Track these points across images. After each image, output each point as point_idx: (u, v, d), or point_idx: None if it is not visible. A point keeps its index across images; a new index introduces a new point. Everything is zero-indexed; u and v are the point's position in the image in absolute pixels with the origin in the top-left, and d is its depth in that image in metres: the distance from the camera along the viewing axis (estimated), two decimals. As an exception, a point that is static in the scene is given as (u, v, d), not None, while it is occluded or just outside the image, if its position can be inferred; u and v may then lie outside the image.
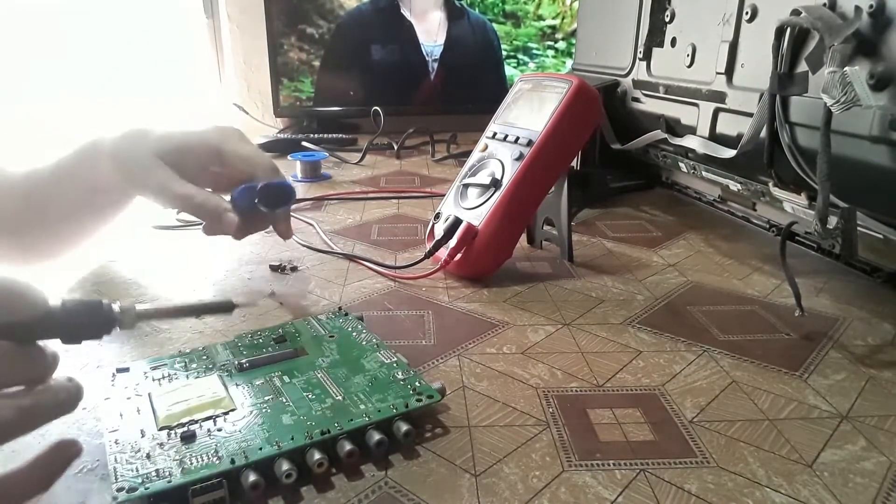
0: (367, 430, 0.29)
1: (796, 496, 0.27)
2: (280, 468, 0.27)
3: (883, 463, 0.30)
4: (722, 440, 0.31)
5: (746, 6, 0.52)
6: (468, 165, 0.57)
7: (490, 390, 0.35)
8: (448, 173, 0.92)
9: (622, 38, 0.73)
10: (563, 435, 0.31)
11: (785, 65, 0.45)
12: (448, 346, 0.40)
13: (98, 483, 0.28)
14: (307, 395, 0.32)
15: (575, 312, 0.46)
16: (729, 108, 0.55)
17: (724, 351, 0.40)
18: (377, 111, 1.12)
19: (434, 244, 0.51)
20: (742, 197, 0.61)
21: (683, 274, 0.53)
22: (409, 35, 1.28)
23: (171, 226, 0.65)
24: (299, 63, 1.27)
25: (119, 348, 0.40)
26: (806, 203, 0.48)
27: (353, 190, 0.82)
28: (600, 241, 0.62)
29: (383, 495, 0.27)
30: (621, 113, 0.74)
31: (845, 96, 0.36)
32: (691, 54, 0.61)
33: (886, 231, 0.43)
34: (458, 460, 0.30)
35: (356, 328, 0.39)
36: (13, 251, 0.51)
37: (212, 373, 0.34)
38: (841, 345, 0.41)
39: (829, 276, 0.52)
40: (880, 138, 0.38)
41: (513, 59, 1.36)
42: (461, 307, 0.46)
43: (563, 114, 0.51)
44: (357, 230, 0.64)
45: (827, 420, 0.33)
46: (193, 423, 0.30)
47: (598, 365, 0.38)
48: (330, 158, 1.02)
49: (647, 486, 0.28)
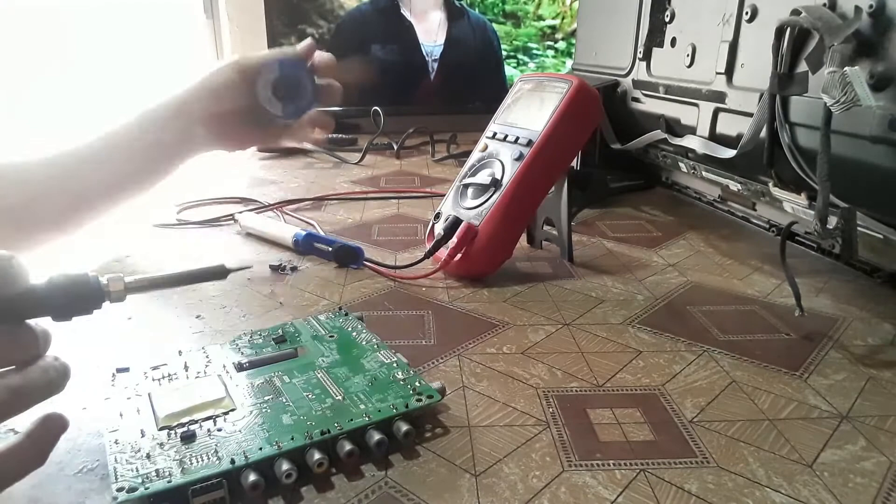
0: (367, 430, 0.29)
1: (796, 496, 0.27)
2: (280, 468, 0.27)
3: (883, 463, 0.30)
4: (722, 440, 0.31)
5: (746, 6, 0.52)
6: (468, 165, 0.57)
7: (490, 390, 0.35)
8: (448, 173, 0.92)
9: (622, 39, 0.73)
10: (563, 435, 0.31)
11: (785, 65, 0.45)
12: (448, 346, 0.40)
13: (98, 483, 0.28)
14: (307, 395, 0.32)
15: (575, 312, 0.46)
16: (729, 108, 0.55)
17: (724, 351, 0.40)
18: (377, 111, 1.12)
19: (434, 244, 0.51)
20: (742, 197, 0.61)
21: (683, 274, 0.53)
22: (409, 35, 1.28)
23: (171, 224, 0.65)
24: (299, 63, 1.26)
25: (119, 348, 0.40)
26: (806, 203, 0.48)
27: (353, 190, 0.82)
28: (600, 241, 0.62)
29: (383, 495, 0.27)
30: (621, 113, 0.74)
31: (845, 96, 0.36)
32: (691, 54, 0.61)
33: (886, 231, 0.43)
34: (458, 460, 0.30)
35: (356, 328, 0.39)
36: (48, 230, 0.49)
37: (212, 373, 0.34)
38: (841, 345, 0.41)
39: (829, 276, 0.52)
40: (880, 138, 0.38)
41: (513, 59, 1.36)
42: (461, 307, 0.46)
43: (563, 114, 0.51)
44: (357, 230, 0.64)
45: (827, 420, 0.33)
46: (193, 423, 0.30)
47: (598, 365, 0.38)
48: (329, 158, 1.02)
49: (647, 486, 0.28)
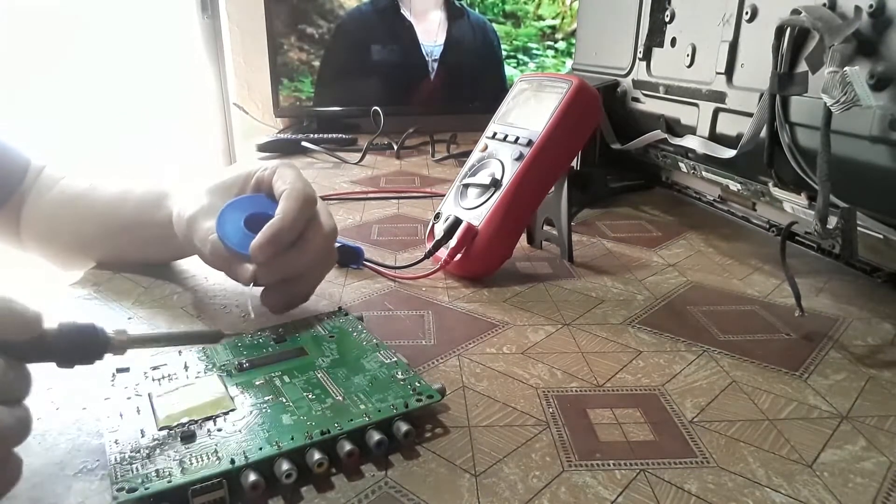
0: (367, 430, 0.29)
1: (796, 496, 0.27)
2: (280, 468, 0.27)
3: (883, 463, 0.30)
4: (722, 440, 0.31)
5: (746, 6, 0.52)
6: (468, 165, 0.57)
7: (490, 390, 0.35)
8: (448, 173, 0.92)
9: (622, 39, 0.73)
10: (563, 435, 0.31)
11: (785, 65, 0.45)
12: (448, 346, 0.40)
13: (98, 483, 0.28)
14: (307, 395, 0.32)
15: (575, 312, 0.46)
16: (729, 108, 0.55)
17: (724, 351, 0.40)
18: (377, 111, 1.12)
19: (434, 244, 0.51)
20: (742, 197, 0.61)
21: (683, 274, 0.53)
22: (409, 35, 1.28)
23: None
24: (299, 63, 1.27)
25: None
26: (806, 203, 0.48)
27: (353, 190, 0.82)
28: (600, 241, 0.62)
29: (383, 495, 0.27)
30: (621, 113, 0.74)
31: (845, 96, 0.36)
32: (691, 54, 0.61)
33: (886, 231, 0.43)
34: (458, 460, 0.30)
35: (356, 328, 0.39)
36: (73, 258, 0.54)
37: (212, 373, 0.34)
38: (841, 345, 0.41)
39: (829, 276, 0.52)
40: (880, 138, 0.38)
41: (513, 59, 1.36)
42: (461, 307, 0.46)
43: (564, 114, 0.51)
44: (357, 230, 0.64)
45: (827, 420, 0.33)
46: (193, 423, 0.30)
47: (598, 365, 0.38)
48: (329, 158, 1.02)
49: (647, 486, 0.28)
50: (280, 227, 0.37)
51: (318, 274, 0.42)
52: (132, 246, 0.50)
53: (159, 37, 1.32)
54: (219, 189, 0.43)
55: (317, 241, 0.40)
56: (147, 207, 0.47)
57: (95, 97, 1.16)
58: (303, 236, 0.39)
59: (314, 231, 0.40)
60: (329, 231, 0.41)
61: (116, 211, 0.49)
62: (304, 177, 0.42)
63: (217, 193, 0.42)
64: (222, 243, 0.38)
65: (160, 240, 0.45)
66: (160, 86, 1.31)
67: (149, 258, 0.51)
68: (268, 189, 0.42)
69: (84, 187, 0.52)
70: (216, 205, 0.41)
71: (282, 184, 0.40)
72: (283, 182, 0.40)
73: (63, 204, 0.52)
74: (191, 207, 0.41)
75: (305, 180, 0.41)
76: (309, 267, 0.40)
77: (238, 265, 0.39)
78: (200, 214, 0.41)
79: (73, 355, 0.28)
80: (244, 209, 0.40)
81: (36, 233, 0.53)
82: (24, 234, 0.54)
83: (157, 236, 0.46)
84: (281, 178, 0.41)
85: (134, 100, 1.24)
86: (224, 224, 0.39)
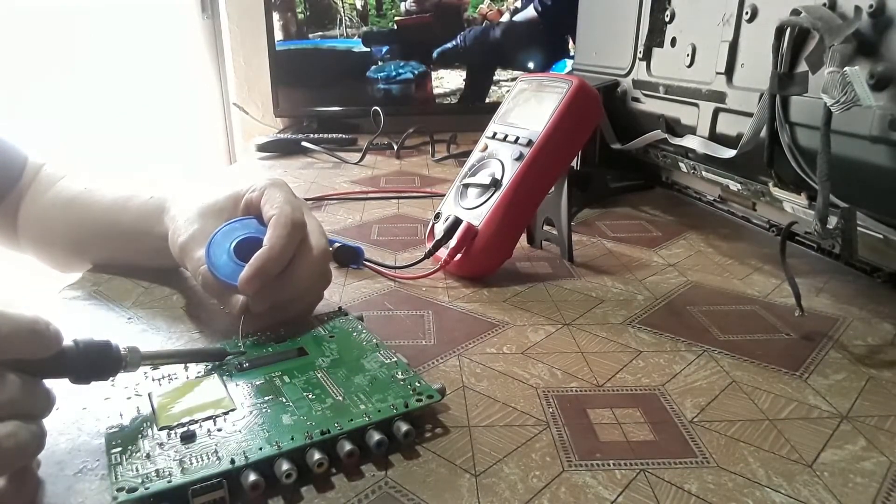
0: (367, 430, 0.29)
1: (796, 496, 0.27)
2: (280, 468, 0.27)
3: (883, 463, 0.30)
4: (722, 440, 0.31)
5: (746, 6, 0.52)
6: (468, 165, 0.57)
7: (490, 390, 0.35)
8: (448, 173, 0.92)
9: (622, 38, 0.73)
10: (563, 435, 0.31)
11: (785, 65, 0.45)
12: (448, 346, 0.40)
13: (98, 483, 0.28)
14: (307, 396, 0.32)
15: (575, 312, 0.46)
16: (729, 108, 0.55)
17: (724, 351, 0.40)
18: (377, 111, 1.12)
19: (434, 244, 0.51)
20: (742, 197, 0.61)
21: (683, 274, 0.53)
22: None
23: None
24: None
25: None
26: (806, 203, 0.48)
27: (353, 190, 0.82)
28: (600, 241, 0.62)
29: (383, 495, 0.27)
30: (621, 113, 0.74)
31: (845, 96, 0.36)
32: (691, 54, 0.61)
33: (886, 231, 0.43)
34: (458, 460, 0.30)
35: (356, 328, 0.39)
36: (71, 262, 0.54)
37: (212, 373, 0.34)
38: (841, 345, 0.41)
39: (829, 276, 0.52)
40: (880, 138, 0.38)
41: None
42: (461, 307, 0.46)
43: (564, 114, 0.51)
44: (357, 230, 0.64)
45: (827, 420, 0.33)
46: (193, 423, 0.30)
47: (598, 365, 0.38)
48: (329, 158, 1.02)
49: (647, 486, 0.28)
50: (267, 258, 0.37)
51: (310, 298, 0.42)
52: (130, 252, 0.50)
53: (160, 37, 1.32)
54: (210, 211, 0.42)
55: (306, 266, 0.39)
56: (146, 219, 0.46)
57: (96, 97, 1.16)
58: (292, 262, 0.39)
59: (303, 256, 0.39)
60: (319, 254, 0.40)
61: (116, 217, 0.49)
62: (292, 196, 0.41)
63: (208, 216, 0.42)
64: (212, 275, 0.38)
65: (158, 251, 0.45)
66: (160, 86, 1.31)
67: (147, 265, 0.51)
68: (256, 212, 0.41)
69: (83, 189, 0.51)
70: (207, 229, 0.40)
71: (269, 208, 0.40)
72: (272, 206, 0.40)
73: (61, 205, 0.51)
74: (183, 232, 0.41)
75: (294, 201, 0.41)
76: (300, 291, 0.40)
77: (228, 296, 0.39)
78: (192, 241, 0.40)
79: (90, 373, 0.29)
80: (234, 236, 0.40)
81: (32, 233, 0.53)
82: (21, 233, 0.54)
83: (155, 248, 0.45)
84: (269, 202, 0.40)
85: (134, 100, 1.24)
86: (214, 254, 0.39)
